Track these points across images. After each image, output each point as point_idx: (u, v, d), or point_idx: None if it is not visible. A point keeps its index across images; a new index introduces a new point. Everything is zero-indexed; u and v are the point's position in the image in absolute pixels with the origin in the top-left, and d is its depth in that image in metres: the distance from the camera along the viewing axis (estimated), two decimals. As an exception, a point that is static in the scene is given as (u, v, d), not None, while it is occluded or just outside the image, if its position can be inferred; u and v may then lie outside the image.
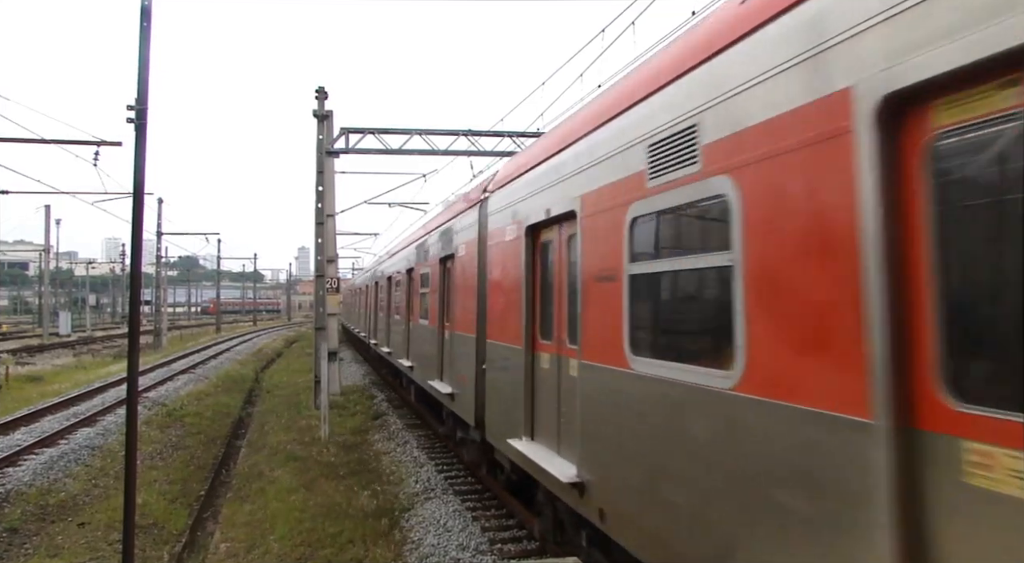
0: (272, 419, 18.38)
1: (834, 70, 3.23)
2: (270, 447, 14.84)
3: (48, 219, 51.93)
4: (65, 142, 22.74)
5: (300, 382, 25.42)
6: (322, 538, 9.26)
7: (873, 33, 3.04)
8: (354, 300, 40.99)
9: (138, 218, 7.34)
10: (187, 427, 17.53)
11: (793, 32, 3.56)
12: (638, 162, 5.08)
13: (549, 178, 7.12)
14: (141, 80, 7.27)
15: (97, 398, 21.50)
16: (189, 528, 10.44)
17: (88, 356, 39.70)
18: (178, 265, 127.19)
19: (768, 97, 3.69)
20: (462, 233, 11.39)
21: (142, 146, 7.29)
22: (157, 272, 50.21)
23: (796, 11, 3.57)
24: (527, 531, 9.26)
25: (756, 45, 3.87)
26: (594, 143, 5.98)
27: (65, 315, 60.26)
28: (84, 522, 10.45)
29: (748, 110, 3.85)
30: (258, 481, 12.32)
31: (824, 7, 3.36)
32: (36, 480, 12.34)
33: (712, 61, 4.29)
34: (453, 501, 10.70)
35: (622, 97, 5.65)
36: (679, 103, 4.60)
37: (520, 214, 8.01)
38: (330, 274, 20.46)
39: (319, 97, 20.85)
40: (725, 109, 4.08)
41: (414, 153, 21.38)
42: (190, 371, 29.22)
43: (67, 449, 14.53)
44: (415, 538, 9.23)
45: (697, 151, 4.36)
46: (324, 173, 20.77)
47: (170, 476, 13.02)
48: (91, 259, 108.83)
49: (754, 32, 3.90)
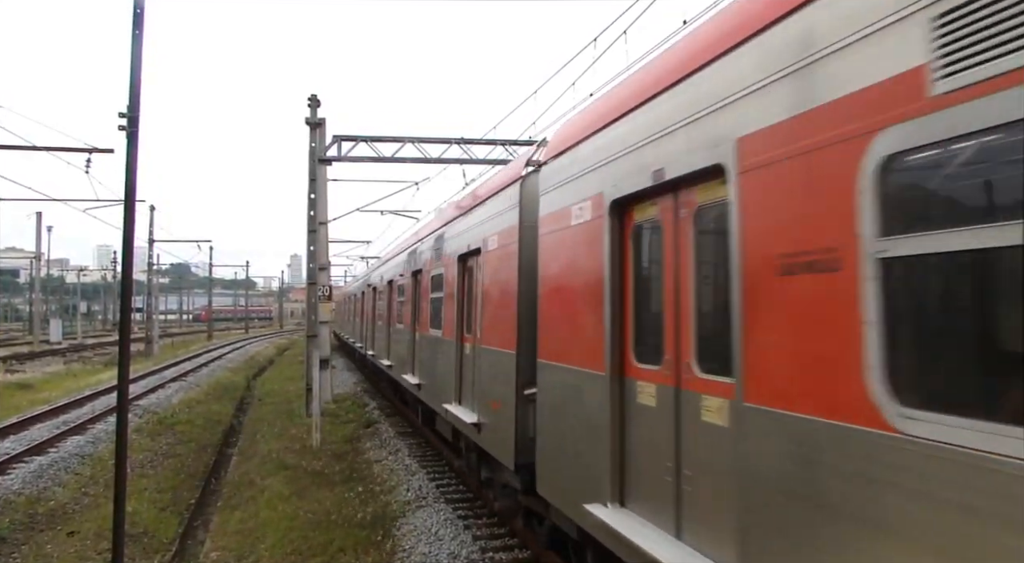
0: (264, 427, 18.32)
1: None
2: (261, 455, 14.79)
3: (39, 226, 51.80)
4: (57, 149, 22.74)
5: (292, 390, 25.34)
6: (313, 546, 9.23)
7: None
8: (348, 307, 38.56)
9: (129, 225, 7.32)
10: (178, 435, 17.44)
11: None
12: (910, 50, 2.83)
13: (667, 118, 4.71)
14: (133, 87, 7.26)
15: (87, 406, 21.37)
16: (179, 537, 10.39)
17: (79, 364, 39.45)
18: (170, 272, 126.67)
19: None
20: (491, 222, 9.06)
21: (134, 153, 7.28)
22: (149, 279, 50.01)
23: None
24: (519, 540, 9.24)
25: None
26: (789, 35, 3.57)
27: (56, 322, 59.98)
28: (73, 531, 10.38)
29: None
30: (249, 489, 12.27)
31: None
32: (25, 488, 12.25)
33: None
34: (445, 510, 10.67)
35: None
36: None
37: (600, 185, 5.69)
38: (322, 282, 20.45)
39: (312, 105, 20.89)
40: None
41: (407, 161, 21.41)
42: (181, 379, 29.08)
43: (57, 457, 14.43)
44: (406, 546, 9.20)
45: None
46: (317, 181, 20.80)
47: (160, 484, 12.94)
48: (82, 266, 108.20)
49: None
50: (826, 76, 3.27)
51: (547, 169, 7.11)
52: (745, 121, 3.87)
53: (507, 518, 9.68)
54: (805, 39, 3.44)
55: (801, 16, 3.50)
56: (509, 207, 8.32)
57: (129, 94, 7.28)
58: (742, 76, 3.91)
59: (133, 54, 7.21)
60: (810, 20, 3.43)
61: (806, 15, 3.46)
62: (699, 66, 4.38)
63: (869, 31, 3.03)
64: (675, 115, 4.60)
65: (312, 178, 20.75)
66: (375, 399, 23.53)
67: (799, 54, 3.47)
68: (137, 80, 7.27)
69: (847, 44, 3.16)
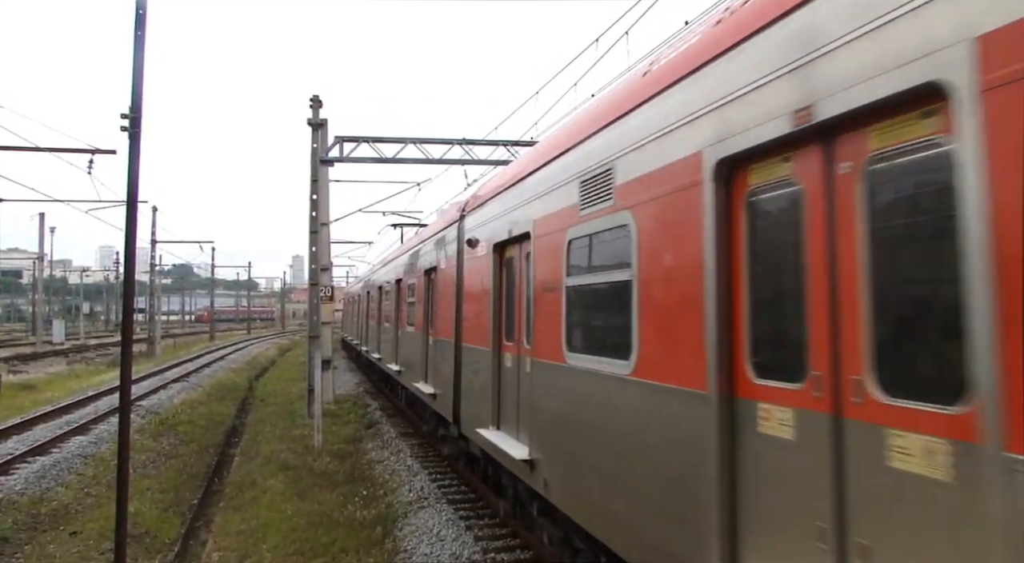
0: (265, 428, 18.34)
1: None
2: (263, 456, 14.80)
3: (42, 227, 51.87)
4: (59, 150, 22.73)
5: (294, 391, 25.36)
6: (315, 547, 9.24)
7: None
8: (359, 308, 33.38)
9: (132, 226, 7.35)
10: (180, 436, 17.47)
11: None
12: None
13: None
14: (135, 88, 7.29)
15: (90, 406, 21.40)
16: (181, 537, 10.39)
17: (81, 364, 39.49)
18: (172, 273, 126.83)
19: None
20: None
21: (136, 154, 7.30)
22: (151, 280, 50.06)
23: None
24: (521, 541, 9.23)
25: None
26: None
27: (59, 323, 60.05)
28: (76, 531, 10.39)
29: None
30: (251, 490, 12.28)
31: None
32: (28, 489, 12.26)
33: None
34: (446, 510, 10.67)
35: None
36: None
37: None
38: (324, 282, 20.46)
39: (314, 106, 20.91)
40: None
41: (408, 162, 21.41)
42: (183, 379, 29.10)
43: (59, 458, 14.45)
44: (408, 547, 9.20)
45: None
46: (318, 182, 20.80)
47: (163, 485, 12.96)
48: (85, 267, 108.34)
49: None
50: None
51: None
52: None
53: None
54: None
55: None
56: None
57: (131, 95, 7.30)
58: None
59: (135, 55, 7.24)
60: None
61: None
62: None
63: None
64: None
65: (314, 179, 20.76)
66: (376, 399, 23.54)
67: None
68: (139, 81, 7.30)
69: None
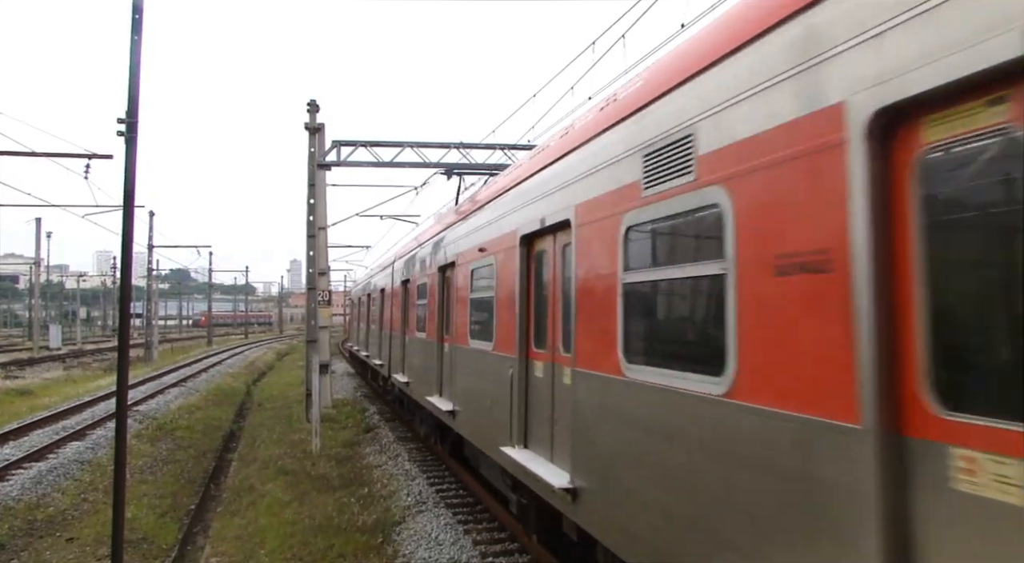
0: (263, 432, 18.29)
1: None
2: (261, 461, 14.76)
3: (39, 232, 51.70)
4: (56, 155, 22.73)
5: (291, 395, 25.32)
6: (313, 552, 9.21)
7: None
8: (369, 310, 27.43)
9: (128, 230, 7.33)
10: (177, 441, 17.43)
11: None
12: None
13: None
14: (131, 92, 7.28)
15: (87, 412, 21.34)
16: (179, 543, 10.36)
17: (78, 370, 39.39)
18: (169, 278, 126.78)
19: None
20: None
21: (132, 159, 7.29)
22: (148, 285, 49.96)
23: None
24: (519, 545, 9.22)
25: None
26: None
27: (55, 328, 59.83)
28: (72, 537, 10.36)
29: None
30: (249, 495, 12.25)
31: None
32: (24, 494, 12.22)
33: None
34: (444, 515, 10.65)
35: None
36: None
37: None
38: (322, 287, 20.45)
39: (311, 110, 20.93)
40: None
41: (406, 166, 21.38)
42: (181, 384, 29.03)
43: (56, 463, 14.40)
44: (406, 552, 9.18)
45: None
46: (316, 186, 20.80)
47: (160, 490, 12.92)
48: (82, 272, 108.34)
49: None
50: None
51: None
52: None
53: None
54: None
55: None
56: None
57: (127, 99, 7.29)
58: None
59: (132, 60, 7.23)
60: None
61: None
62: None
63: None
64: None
65: (311, 183, 20.76)
66: (374, 404, 23.51)
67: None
68: (136, 85, 7.29)
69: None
